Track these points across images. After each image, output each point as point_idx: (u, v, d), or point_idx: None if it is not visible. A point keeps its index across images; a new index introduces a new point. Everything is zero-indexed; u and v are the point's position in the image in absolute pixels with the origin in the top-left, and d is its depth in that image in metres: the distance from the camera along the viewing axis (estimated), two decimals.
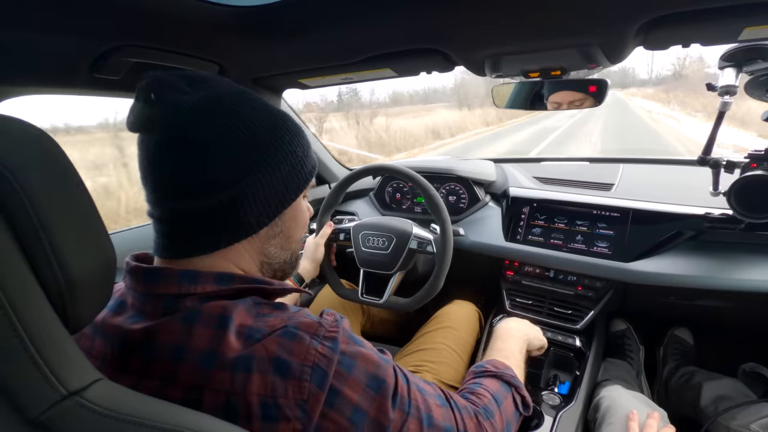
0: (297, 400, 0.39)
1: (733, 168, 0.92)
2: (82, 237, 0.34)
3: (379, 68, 0.88)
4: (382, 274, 1.04)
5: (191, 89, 0.45)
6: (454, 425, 0.51)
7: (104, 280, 0.37)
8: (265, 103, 0.49)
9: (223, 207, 0.45)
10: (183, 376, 0.39)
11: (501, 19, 0.65)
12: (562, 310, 1.14)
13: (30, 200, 0.30)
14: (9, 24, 0.54)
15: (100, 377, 0.34)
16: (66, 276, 0.32)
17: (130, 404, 0.32)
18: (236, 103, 0.46)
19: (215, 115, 0.44)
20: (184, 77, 0.46)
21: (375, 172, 1.15)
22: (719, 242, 0.99)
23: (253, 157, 0.45)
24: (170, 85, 0.44)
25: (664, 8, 0.58)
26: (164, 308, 0.43)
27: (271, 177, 0.47)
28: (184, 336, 0.41)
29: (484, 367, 0.67)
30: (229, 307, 0.42)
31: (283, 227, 0.52)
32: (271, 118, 0.48)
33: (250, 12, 0.65)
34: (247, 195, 0.45)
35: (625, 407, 0.85)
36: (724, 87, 0.85)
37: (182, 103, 0.43)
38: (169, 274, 0.44)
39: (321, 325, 0.44)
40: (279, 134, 0.48)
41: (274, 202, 0.48)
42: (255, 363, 0.39)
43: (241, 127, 0.45)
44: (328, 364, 0.41)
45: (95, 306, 0.37)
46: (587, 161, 1.51)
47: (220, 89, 0.46)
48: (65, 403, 0.30)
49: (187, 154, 0.43)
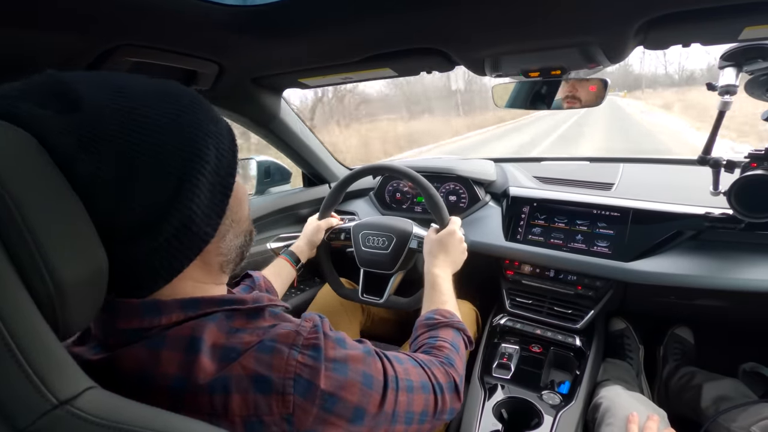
0: (282, 415, 0.38)
1: (733, 167, 0.92)
2: (71, 243, 0.33)
3: (378, 68, 0.88)
4: (382, 274, 1.04)
5: (53, 112, 0.34)
6: (429, 381, 0.55)
7: (95, 287, 0.36)
8: (139, 85, 0.39)
9: (174, 235, 0.39)
10: (156, 403, 0.35)
11: (501, 18, 0.65)
12: (562, 309, 1.14)
13: (17, 205, 0.29)
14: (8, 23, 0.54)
15: (93, 385, 0.33)
16: (55, 281, 0.31)
17: (123, 412, 0.32)
18: (115, 106, 0.36)
19: (102, 136, 0.34)
20: (33, 99, 0.34)
21: (375, 171, 1.15)
22: (719, 242, 0.99)
23: (176, 160, 0.38)
24: (25, 119, 0.33)
25: (664, 8, 0.58)
26: (127, 339, 0.39)
27: (205, 174, 0.40)
28: (149, 363, 0.38)
29: (435, 318, 0.71)
30: (198, 328, 0.39)
31: (231, 217, 0.46)
32: (164, 102, 0.39)
33: (250, 12, 0.65)
34: (192, 207, 0.39)
35: (624, 408, 0.85)
36: (724, 86, 0.85)
37: (46, 137, 0.33)
38: (129, 309, 0.40)
39: (299, 333, 0.42)
40: (187, 121, 0.39)
41: (217, 196, 0.42)
42: (233, 383, 0.38)
43: (141, 135, 0.36)
44: (312, 373, 0.40)
45: (86, 313, 0.36)
46: (587, 161, 1.51)
47: (80, 94, 0.35)
48: (56, 412, 0.29)
49: (94, 197, 0.34)
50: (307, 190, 1.47)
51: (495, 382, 1.04)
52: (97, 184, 0.34)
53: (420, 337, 0.69)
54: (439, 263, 0.85)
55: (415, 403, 0.52)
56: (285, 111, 1.18)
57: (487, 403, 0.98)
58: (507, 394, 1.00)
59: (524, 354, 1.12)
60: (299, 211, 1.40)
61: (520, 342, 1.14)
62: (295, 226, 1.38)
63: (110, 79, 0.38)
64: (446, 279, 0.82)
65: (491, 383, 1.04)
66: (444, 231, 0.89)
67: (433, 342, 0.66)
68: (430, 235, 0.91)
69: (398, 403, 0.49)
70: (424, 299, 0.81)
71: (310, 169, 1.45)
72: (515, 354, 1.10)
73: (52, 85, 0.35)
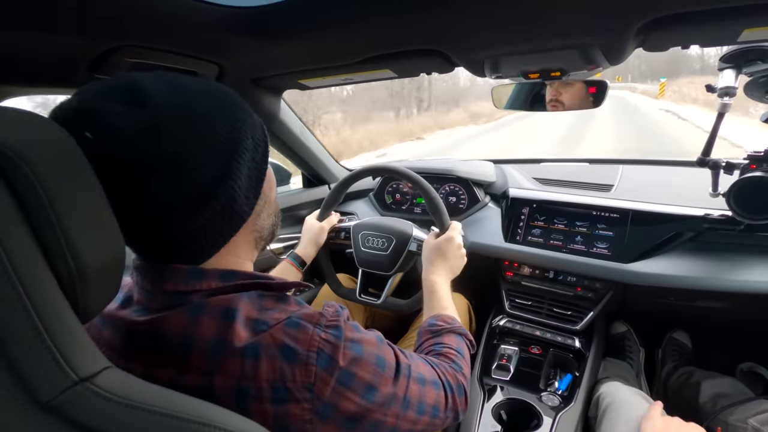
0: (304, 383, 0.42)
1: (733, 169, 0.92)
2: (94, 228, 0.35)
3: (378, 69, 0.88)
4: (381, 275, 1.04)
5: (125, 108, 0.39)
6: (439, 379, 0.58)
7: (113, 272, 0.38)
8: (192, 84, 0.45)
9: (221, 211, 0.45)
10: (194, 364, 0.41)
11: (501, 20, 0.65)
12: (562, 310, 1.14)
13: (45, 190, 0.31)
14: (8, 23, 0.54)
15: (110, 365, 0.35)
16: (78, 264, 0.33)
17: (139, 392, 0.33)
18: (175, 100, 0.42)
19: (167, 127, 0.40)
20: (110, 97, 0.40)
21: (375, 172, 1.15)
22: (719, 243, 1.00)
23: (223, 148, 0.44)
24: (103, 114, 0.39)
25: (664, 9, 0.58)
26: (170, 303, 0.44)
27: (245, 159, 0.46)
28: (190, 327, 0.42)
29: (438, 325, 0.72)
30: (234, 300, 0.44)
31: (264, 198, 0.52)
32: (212, 97, 0.45)
33: (250, 12, 0.65)
34: (235, 188, 0.45)
35: (625, 402, 0.86)
36: (723, 88, 0.85)
37: (126, 130, 0.39)
38: (177, 272, 0.45)
39: (323, 315, 0.47)
40: (226, 110, 0.45)
41: (255, 177, 0.48)
42: (263, 350, 0.42)
43: (196, 126, 0.42)
44: (332, 349, 0.44)
45: (104, 297, 0.38)
46: (587, 162, 1.51)
47: (149, 90, 0.41)
48: (76, 388, 0.31)
49: (159, 178, 0.40)
50: (306, 191, 1.47)
51: (494, 384, 1.04)
52: (160, 168, 0.40)
53: (425, 344, 0.70)
54: (437, 270, 0.85)
55: (428, 396, 0.54)
56: (285, 112, 1.18)
57: (487, 405, 0.98)
58: (506, 396, 1.00)
59: (523, 355, 1.12)
60: (299, 212, 1.40)
61: (519, 343, 1.14)
62: (294, 227, 1.38)
63: (166, 78, 0.44)
64: (444, 285, 0.83)
65: (490, 384, 1.04)
66: (443, 237, 0.89)
67: (440, 349, 0.67)
68: (429, 240, 0.91)
69: (410, 389, 0.52)
70: (424, 305, 0.82)
71: (309, 170, 1.45)
72: (514, 355, 1.10)
73: (125, 84, 0.41)
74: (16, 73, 0.66)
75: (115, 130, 0.39)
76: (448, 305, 0.79)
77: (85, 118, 0.39)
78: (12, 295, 0.29)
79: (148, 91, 0.41)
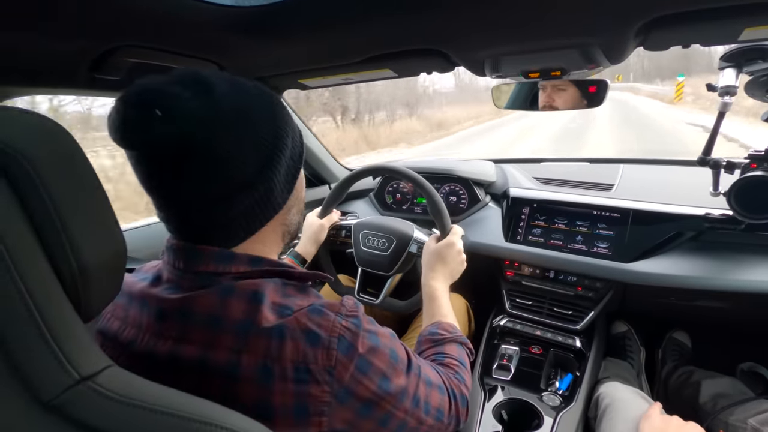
0: (325, 366, 0.44)
1: (733, 168, 0.92)
2: (95, 227, 0.36)
3: (379, 68, 0.88)
4: (380, 275, 1.04)
5: (191, 93, 0.43)
6: (444, 385, 0.60)
7: (115, 271, 0.38)
8: (247, 84, 0.49)
9: (259, 200, 0.48)
10: (222, 342, 0.43)
11: (501, 19, 0.65)
12: (562, 310, 1.14)
13: (47, 189, 0.32)
14: (9, 24, 0.54)
15: (111, 364, 0.35)
16: (79, 263, 0.33)
17: (141, 391, 0.33)
18: (234, 95, 0.46)
19: (225, 117, 0.44)
20: (178, 82, 0.43)
21: (375, 172, 1.15)
22: (719, 243, 0.99)
23: (268, 144, 0.47)
24: (172, 95, 0.42)
25: (664, 9, 0.58)
26: (200, 283, 0.46)
27: (284, 154, 0.50)
28: (219, 307, 0.44)
29: (439, 334, 0.73)
30: (261, 285, 0.47)
31: (296, 195, 0.55)
32: (264, 97, 0.49)
33: (250, 12, 0.65)
34: (273, 180, 0.49)
35: (623, 401, 0.86)
36: (724, 87, 0.85)
37: (192, 113, 0.42)
38: (209, 255, 0.48)
39: (343, 305, 0.49)
40: (274, 110, 0.49)
41: (290, 174, 0.52)
42: (288, 332, 0.44)
43: (249, 120, 0.46)
44: (353, 337, 0.46)
45: (106, 295, 0.38)
46: (587, 161, 1.51)
47: (213, 82, 0.45)
48: (78, 387, 0.31)
49: (211, 164, 0.44)
50: (306, 190, 1.47)
51: (495, 384, 1.04)
52: (213, 154, 0.43)
53: (426, 352, 0.70)
54: (436, 276, 0.85)
55: (433, 399, 0.56)
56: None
57: (487, 405, 0.98)
58: (507, 396, 1.00)
59: (524, 355, 1.12)
60: None
61: (520, 343, 1.14)
62: None
63: (225, 75, 0.48)
64: (444, 291, 0.83)
65: (491, 384, 1.04)
66: (443, 242, 0.89)
67: (442, 359, 0.68)
68: (430, 243, 0.90)
69: (419, 388, 0.53)
70: (423, 311, 0.82)
71: (309, 169, 1.45)
72: (515, 355, 1.10)
73: (193, 74, 0.45)
74: (17, 74, 0.66)
75: (183, 110, 0.42)
76: (448, 313, 0.79)
77: (155, 95, 0.41)
78: (14, 294, 0.29)
79: (212, 81, 0.44)
